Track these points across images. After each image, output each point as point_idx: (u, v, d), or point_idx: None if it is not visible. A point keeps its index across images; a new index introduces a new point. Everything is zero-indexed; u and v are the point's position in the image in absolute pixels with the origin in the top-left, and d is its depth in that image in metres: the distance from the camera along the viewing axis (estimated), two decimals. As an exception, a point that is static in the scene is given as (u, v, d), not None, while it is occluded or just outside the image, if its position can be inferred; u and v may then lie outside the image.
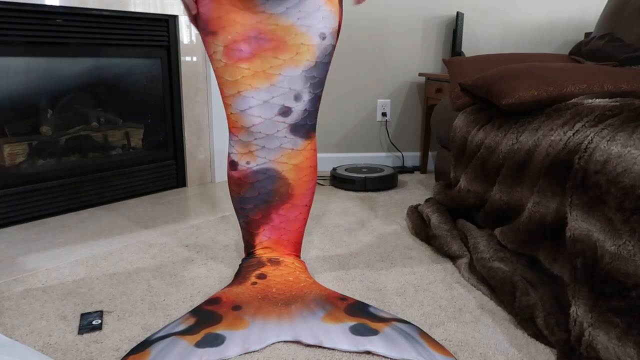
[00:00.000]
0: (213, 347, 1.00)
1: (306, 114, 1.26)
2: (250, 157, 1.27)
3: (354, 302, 1.18)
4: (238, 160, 1.27)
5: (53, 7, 1.73)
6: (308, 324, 1.08)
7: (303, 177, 1.30)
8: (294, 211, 1.31)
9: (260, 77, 1.21)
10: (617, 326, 0.87)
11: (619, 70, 1.45)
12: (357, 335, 1.03)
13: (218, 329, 1.06)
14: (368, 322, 1.08)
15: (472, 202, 1.54)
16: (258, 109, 1.23)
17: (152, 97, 2.14)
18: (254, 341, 1.03)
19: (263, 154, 1.26)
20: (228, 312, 1.12)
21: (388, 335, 1.03)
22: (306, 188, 1.31)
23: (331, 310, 1.13)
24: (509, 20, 2.66)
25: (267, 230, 1.32)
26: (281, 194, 1.29)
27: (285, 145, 1.26)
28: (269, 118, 1.24)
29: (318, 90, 1.26)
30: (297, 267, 1.30)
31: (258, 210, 1.30)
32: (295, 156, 1.28)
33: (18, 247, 1.56)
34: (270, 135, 1.25)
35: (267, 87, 1.22)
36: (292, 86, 1.23)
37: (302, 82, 1.23)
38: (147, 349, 1.00)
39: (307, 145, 1.29)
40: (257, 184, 1.28)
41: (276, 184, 1.29)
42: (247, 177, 1.28)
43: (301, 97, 1.24)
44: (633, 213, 0.89)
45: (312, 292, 1.21)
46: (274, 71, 1.21)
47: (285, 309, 1.13)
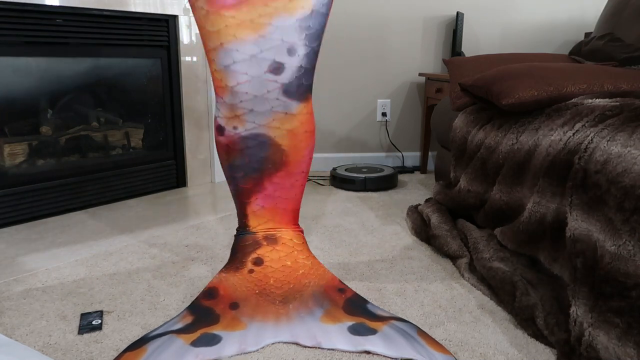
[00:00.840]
0: (209, 347, 1.00)
1: (301, 71, 1.12)
2: (238, 121, 1.14)
3: (352, 295, 1.17)
4: (225, 125, 1.15)
5: (53, 7, 1.73)
6: (306, 325, 1.07)
7: (298, 143, 1.18)
8: (289, 179, 1.21)
9: (247, 26, 1.07)
10: (617, 326, 0.87)
11: (619, 70, 1.45)
12: (355, 335, 1.03)
13: (215, 329, 1.06)
14: (366, 321, 1.08)
15: (472, 202, 1.54)
16: (244, 64, 1.09)
17: (152, 97, 2.14)
18: (251, 342, 1.03)
19: (252, 118, 1.13)
20: (225, 311, 1.12)
21: (387, 335, 1.03)
22: (302, 154, 1.20)
23: (330, 309, 1.12)
24: (509, 20, 2.66)
25: (260, 199, 1.21)
26: (274, 161, 1.18)
27: (277, 108, 1.13)
28: (257, 75, 1.10)
29: (315, 44, 1.12)
30: (295, 245, 1.24)
31: (249, 179, 1.19)
32: (289, 120, 1.15)
33: (18, 247, 1.56)
34: (259, 96, 1.11)
35: (255, 38, 1.08)
36: (285, 37, 1.08)
37: (297, 33, 1.09)
38: (143, 346, 1.00)
39: (303, 108, 1.15)
40: (246, 151, 1.17)
41: (268, 151, 1.17)
42: (236, 143, 1.16)
43: (295, 51, 1.10)
44: (633, 213, 0.89)
45: (310, 283, 1.19)
46: (263, 20, 1.07)
47: (283, 308, 1.13)
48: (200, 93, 2.25)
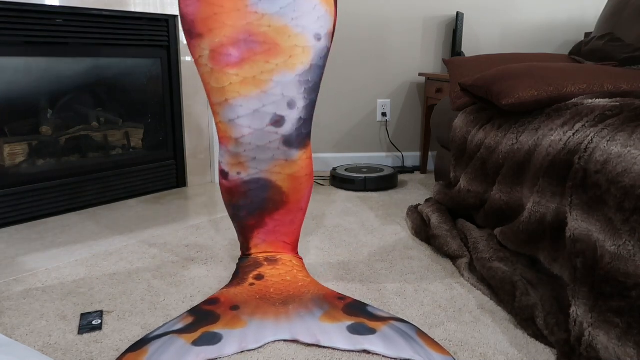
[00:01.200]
0: (210, 346, 1.00)
1: (301, 122, 1.18)
2: (241, 167, 1.21)
3: (352, 301, 1.17)
4: (228, 171, 1.22)
5: (53, 7, 1.73)
6: (306, 324, 1.07)
7: (298, 185, 1.25)
8: (289, 215, 1.28)
9: (250, 83, 1.13)
10: (617, 326, 0.87)
11: (619, 70, 1.45)
12: (355, 334, 1.03)
13: (215, 327, 1.06)
14: (366, 321, 1.08)
15: (472, 202, 1.54)
16: (247, 118, 1.15)
17: (152, 97, 2.14)
18: (251, 340, 1.03)
19: (254, 165, 1.20)
20: (226, 311, 1.12)
21: (386, 335, 1.03)
22: (302, 195, 1.27)
23: (329, 310, 1.12)
24: (509, 20, 2.66)
25: (262, 234, 1.30)
26: (275, 201, 1.25)
27: (278, 156, 1.20)
28: (260, 128, 1.16)
29: (313, 96, 1.19)
30: (294, 266, 1.29)
31: (251, 217, 1.27)
32: (290, 166, 1.22)
33: (18, 247, 1.56)
34: (261, 146, 1.18)
35: (257, 94, 1.14)
36: (286, 92, 1.15)
37: (296, 87, 1.15)
38: (144, 347, 1.00)
39: (303, 154, 1.22)
40: (249, 193, 1.24)
41: (269, 193, 1.24)
42: (239, 187, 1.23)
43: (295, 104, 1.16)
44: (633, 213, 0.89)
45: (310, 291, 1.20)
46: (265, 77, 1.13)
47: (283, 308, 1.13)
48: (200, 93, 2.25)
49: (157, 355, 0.97)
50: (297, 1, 1.12)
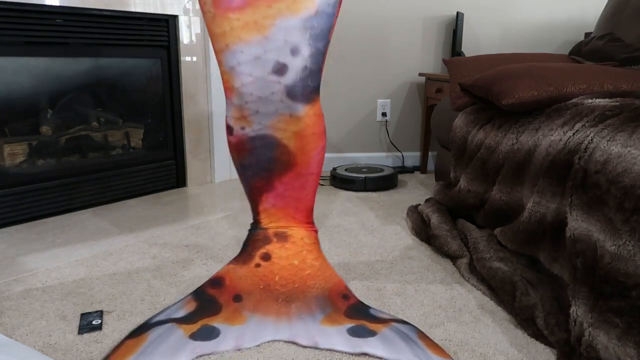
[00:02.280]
0: (206, 341, 1.01)
1: (306, 72, 1.12)
2: (245, 122, 1.15)
3: (355, 302, 1.17)
4: (233, 125, 1.17)
5: (53, 7, 1.73)
6: (306, 326, 1.07)
7: (305, 145, 1.18)
8: (299, 179, 1.21)
9: (252, 28, 1.08)
10: (617, 326, 0.87)
11: (619, 70, 1.45)
12: (354, 336, 1.03)
13: (215, 321, 1.07)
14: (367, 323, 1.08)
15: (472, 202, 1.54)
16: (248, 65, 1.10)
17: (152, 97, 2.14)
18: (248, 338, 1.03)
19: (258, 119, 1.14)
20: (228, 302, 1.13)
21: (386, 337, 1.02)
22: (310, 156, 1.19)
23: (331, 313, 1.12)
24: (509, 20, 2.66)
25: (271, 197, 1.23)
26: (282, 162, 1.19)
27: (282, 110, 1.13)
28: (262, 77, 1.11)
29: (320, 44, 1.11)
30: (305, 245, 1.24)
31: (259, 178, 1.21)
32: (295, 123, 1.15)
33: (18, 247, 1.56)
34: (263, 97, 1.12)
35: (259, 39, 1.09)
36: (288, 38, 1.09)
37: (300, 33, 1.09)
38: (144, 334, 1.02)
39: (309, 110, 1.15)
40: (255, 151, 1.18)
41: (276, 152, 1.18)
42: (244, 143, 1.18)
43: (299, 51, 1.09)
44: (633, 213, 0.89)
45: (315, 284, 1.19)
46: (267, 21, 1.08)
47: (285, 307, 1.13)
48: (200, 93, 2.25)
49: (154, 346, 0.99)
50: None
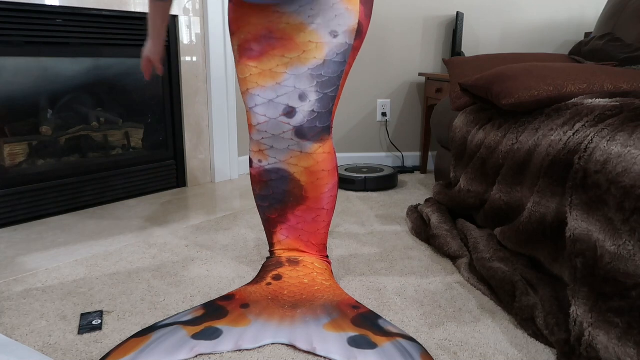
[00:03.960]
0: (206, 341, 1.02)
1: (314, 115, 1.21)
2: (262, 155, 1.27)
3: (366, 311, 1.15)
4: (253, 158, 1.29)
5: (53, 7, 1.73)
6: (308, 330, 1.07)
7: (316, 180, 1.27)
8: (311, 213, 1.29)
9: (267, 75, 1.22)
10: (617, 326, 0.87)
11: (619, 70, 1.45)
12: (353, 346, 1.01)
13: (219, 323, 1.09)
14: (371, 334, 1.05)
15: (472, 202, 1.54)
16: (263, 107, 1.23)
17: (152, 97, 2.14)
18: (248, 340, 1.03)
19: (273, 154, 1.26)
20: (235, 309, 1.15)
21: (385, 352, 0.99)
22: (321, 192, 1.28)
23: (337, 319, 1.11)
24: (509, 20, 2.66)
25: (285, 229, 1.32)
26: (295, 195, 1.28)
27: (293, 147, 1.24)
28: (274, 118, 1.23)
29: (328, 90, 1.21)
30: (315, 269, 1.29)
31: (274, 210, 1.31)
32: (305, 159, 1.25)
33: (18, 247, 1.56)
34: (276, 135, 1.24)
35: (272, 85, 1.22)
36: (297, 85, 1.20)
37: (308, 80, 1.20)
38: (149, 334, 1.04)
39: (319, 148, 1.24)
40: (270, 183, 1.29)
41: (289, 185, 1.28)
42: (261, 175, 1.29)
43: (307, 97, 1.21)
44: (633, 213, 0.89)
45: (324, 296, 1.20)
46: (280, 69, 1.21)
47: (290, 312, 1.13)
48: (200, 93, 2.25)
49: (156, 344, 1.00)
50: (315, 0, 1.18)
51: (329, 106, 1.23)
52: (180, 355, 0.98)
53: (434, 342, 1.05)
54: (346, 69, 1.24)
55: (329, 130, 1.26)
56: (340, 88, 1.25)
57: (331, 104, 1.23)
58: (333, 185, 1.30)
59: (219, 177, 2.39)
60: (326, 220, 1.32)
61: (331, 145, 1.27)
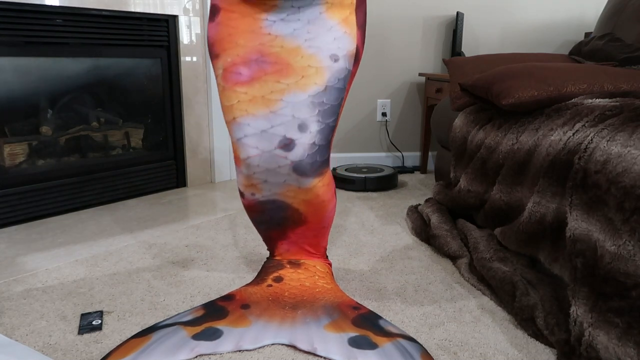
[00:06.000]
0: (207, 341, 1.02)
1: (315, 148, 1.09)
2: (254, 189, 1.16)
3: (366, 312, 1.14)
4: (243, 191, 1.18)
5: (53, 7, 1.73)
6: (308, 330, 1.06)
7: (315, 209, 1.18)
8: (311, 232, 1.24)
9: (259, 102, 1.09)
10: (617, 326, 0.87)
11: (619, 70, 1.45)
12: (353, 347, 1.01)
13: (219, 324, 1.08)
14: (371, 334, 1.05)
15: (472, 202, 1.54)
16: (254, 138, 1.10)
17: (152, 97, 2.14)
18: (249, 340, 1.03)
19: (267, 187, 1.15)
20: (236, 309, 1.14)
21: (386, 352, 0.99)
22: (322, 216, 1.20)
23: (337, 320, 1.10)
24: (509, 20, 2.66)
25: (285, 244, 1.27)
26: (294, 219, 1.20)
27: (290, 182, 1.12)
28: (268, 150, 1.10)
29: (330, 120, 1.10)
30: (317, 272, 1.27)
31: (273, 231, 1.25)
32: (304, 193, 1.14)
33: (18, 247, 1.56)
34: (271, 170, 1.12)
35: (265, 114, 1.09)
36: (297, 114, 1.08)
37: (309, 109, 1.08)
38: (149, 334, 1.04)
39: (318, 182, 1.13)
40: (267, 212, 1.20)
41: (287, 212, 1.19)
42: (255, 206, 1.19)
43: (307, 127, 1.08)
44: (633, 213, 0.89)
45: (325, 298, 1.19)
46: (275, 96, 1.09)
47: (291, 312, 1.13)
48: (200, 93, 2.25)
49: (156, 344, 1.00)
50: (311, 23, 1.09)
51: (329, 137, 1.12)
52: (181, 356, 0.98)
53: (434, 342, 1.05)
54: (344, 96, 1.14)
55: (329, 161, 1.15)
56: (338, 117, 1.14)
57: (331, 135, 1.12)
58: (333, 206, 1.22)
59: (219, 177, 2.39)
60: (326, 234, 1.27)
61: (330, 175, 1.18)
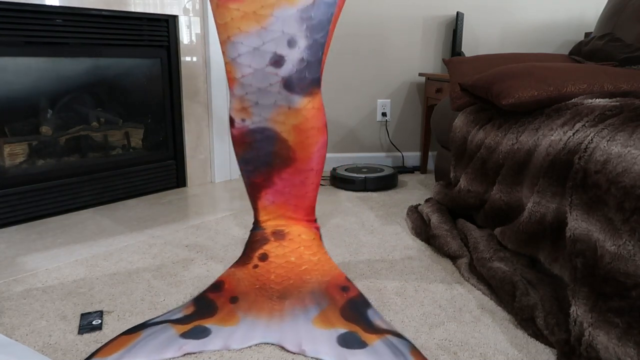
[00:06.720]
0: (195, 340, 1.02)
1: (303, 64, 1.11)
2: (245, 113, 1.16)
3: (355, 296, 1.14)
4: (234, 117, 1.18)
5: (53, 7, 1.73)
6: (296, 327, 1.06)
7: (305, 139, 1.17)
8: (299, 175, 1.21)
9: (251, 18, 1.08)
10: (617, 326, 0.87)
11: (619, 70, 1.45)
12: (342, 346, 1.00)
13: (209, 322, 1.08)
14: (360, 331, 1.05)
15: (472, 202, 1.54)
16: (248, 56, 1.10)
17: (152, 97, 2.14)
18: (237, 340, 1.03)
19: (258, 111, 1.15)
20: (225, 304, 1.14)
21: (376, 351, 0.99)
22: (310, 151, 1.19)
23: (326, 309, 1.11)
24: (509, 20, 2.66)
25: (270, 194, 1.23)
26: (282, 156, 1.19)
27: (280, 102, 1.13)
28: (260, 68, 1.11)
29: (318, 35, 1.10)
30: (302, 242, 1.23)
31: (259, 173, 1.21)
32: (294, 115, 1.14)
33: (18, 247, 1.56)
34: (262, 89, 1.12)
35: (257, 30, 1.08)
36: (286, 29, 1.08)
37: (297, 24, 1.08)
38: (139, 331, 1.04)
39: (308, 103, 1.14)
40: (255, 144, 1.18)
41: (275, 146, 1.18)
42: (245, 135, 1.18)
43: (296, 43, 1.09)
44: (633, 213, 0.89)
45: (312, 279, 1.18)
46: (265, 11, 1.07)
47: (278, 305, 1.13)
48: (200, 93, 2.25)
49: (145, 342, 1.01)
50: None
51: (319, 54, 1.12)
52: (168, 354, 0.98)
53: (434, 342, 1.05)
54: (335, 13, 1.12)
55: (319, 82, 1.15)
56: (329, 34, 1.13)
57: (321, 51, 1.11)
58: (322, 144, 1.21)
59: (219, 177, 2.39)
60: (315, 182, 1.24)
61: (321, 100, 1.17)
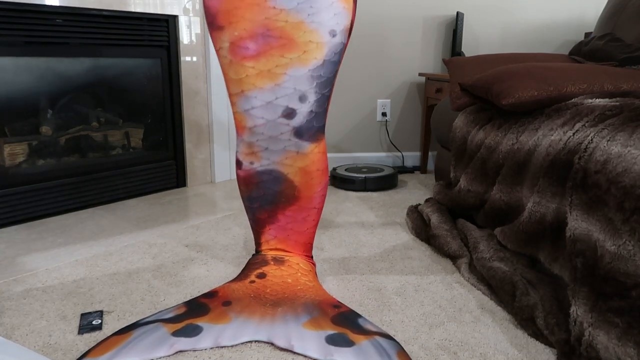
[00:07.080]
0: (186, 338, 1.03)
1: (312, 115, 1.21)
2: (254, 157, 1.25)
3: (346, 310, 1.14)
4: (242, 160, 1.26)
5: (53, 7, 1.73)
6: (287, 327, 1.07)
7: (310, 180, 1.26)
8: (302, 213, 1.29)
9: (265, 76, 1.18)
10: (617, 326, 0.87)
11: (619, 70, 1.45)
12: (330, 344, 1.01)
13: (200, 321, 1.09)
14: (349, 332, 1.05)
15: (472, 202, 1.54)
16: (261, 109, 1.20)
17: (152, 97, 2.14)
18: (228, 337, 1.04)
19: (267, 155, 1.24)
20: (217, 306, 1.15)
21: (362, 350, 0.99)
22: (314, 191, 1.28)
23: (317, 317, 1.10)
24: (509, 20, 2.66)
25: (273, 229, 1.31)
26: (287, 195, 1.27)
27: (289, 147, 1.23)
28: (272, 119, 1.21)
29: (325, 90, 1.21)
30: (300, 269, 1.29)
31: (264, 210, 1.29)
32: (301, 159, 1.25)
33: (18, 247, 1.56)
34: (273, 137, 1.22)
35: (271, 87, 1.19)
36: (298, 86, 1.19)
37: (308, 82, 1.19)
38: (131, 331, 1.05)
39: (314, 148, 1.24)
40: (261, 185, 1.27)
41: (281, 186, 1.27)
42: (252, 177, 1.27)
43: (306, 98, 1.20)
44: (633, 213, 0.89)
45: (306, 295, 1.19)
46: (279, 70, 1.17)
47: (271, 310, 1.13)
48: (200, 93, 2.25)
49: (136, 341, 1.01)
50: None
51: (325, 105, 1.23)
52: (160, 353, 0.98)
53: (434, 342, 1.05)
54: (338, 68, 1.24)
55: (324, 129, 1.26)
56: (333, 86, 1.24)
57: (326, 103, 1.23)
58: (324, 185, 1.29)
59: (219, 177, 2.39)
60: (315, 220, 1.31)
61: (325, 145, 1.27)
